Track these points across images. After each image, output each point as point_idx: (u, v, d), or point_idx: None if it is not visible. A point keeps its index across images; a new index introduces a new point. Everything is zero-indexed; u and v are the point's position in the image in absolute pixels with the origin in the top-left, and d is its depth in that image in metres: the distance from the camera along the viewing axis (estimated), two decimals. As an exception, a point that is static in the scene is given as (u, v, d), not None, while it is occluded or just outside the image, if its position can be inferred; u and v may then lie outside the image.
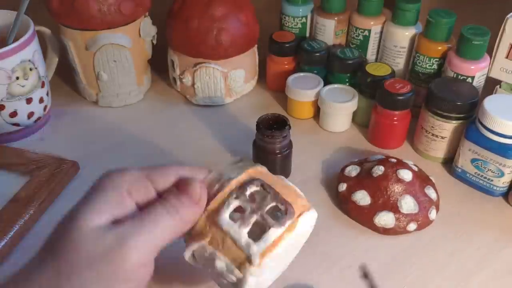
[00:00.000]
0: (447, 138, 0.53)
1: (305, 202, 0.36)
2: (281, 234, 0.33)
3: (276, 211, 0.34)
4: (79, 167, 0.53)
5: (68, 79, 0.66)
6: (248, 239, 0.32)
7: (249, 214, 0.33)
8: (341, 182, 0.50)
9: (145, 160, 0.55)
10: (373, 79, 0.56)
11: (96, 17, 0.56)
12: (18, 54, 0.52)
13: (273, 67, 0.65)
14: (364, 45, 0.63)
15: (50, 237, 0.31)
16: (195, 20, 0.58)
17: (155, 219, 0.31)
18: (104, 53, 0.58)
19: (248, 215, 0.33)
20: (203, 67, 0.60)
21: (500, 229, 0.48)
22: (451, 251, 0.45)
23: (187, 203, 0.33)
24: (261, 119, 0.49)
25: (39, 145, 0.57)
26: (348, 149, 0.57)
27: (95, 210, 0.30)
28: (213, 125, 0.61)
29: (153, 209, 0.32)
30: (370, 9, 0.61)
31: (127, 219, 0.31)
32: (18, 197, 0.48)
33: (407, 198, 0.46)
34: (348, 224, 0.48)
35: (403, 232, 0.46)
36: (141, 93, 0.65)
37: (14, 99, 0.54)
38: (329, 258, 0.44)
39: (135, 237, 0.30)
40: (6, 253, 0.44)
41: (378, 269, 0.44)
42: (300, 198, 0.36)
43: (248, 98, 0.65)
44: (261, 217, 0.33)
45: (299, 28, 0.66)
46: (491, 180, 0.50)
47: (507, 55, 0.51)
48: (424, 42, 0.56)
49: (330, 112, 0.58)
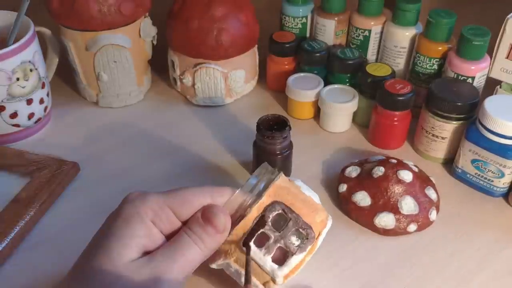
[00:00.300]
0: (448, 138, 0.53)
1: (323, 216, 0.38)
2: (302, 259, 0.36)
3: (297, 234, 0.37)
4: (79, 168, 0.53)
5: (69, 80, 0.66)
6: (272, 264, 0.36)
7: (273, 242, 0.35)
8: (342, 182, 0.50)
9: (145, 160, 0.55)
10: (374, 80, 0.56)
11: (96, 18, 0.56)
12: (18, 55, 0.52)
13: (273, 67, 0.65)
14: (364, 45, 0.63)
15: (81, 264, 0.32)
16: (195, 21, 0.58)
17: (183, 251, 0.33)
18: (104, 53, 0.58)
19: (272, 243, 0.36)
20: (203, 68, 0.60)
21: (500, 229, 0.48)
22: (451, 251, 0.45)
23: (213, 233, 0.34)
24: (261, 120, 0.49)
25: (40, 146, 0.57)
26: (349, 150, 0.57)
27: (126, 244, 0.32)
28: (214, 126, 0.61)
29: (180, 240, 0.33)
30: (371, 9, 0.60)
31: (157, 251, 0.33)
32: (19, 198, 0.48)
33: (407, 199, 0.46)
34: (348, 225, 0.48)
35: (404, 233, 0.46)
36: (141, 94, 0.65)
37: (15, 100, 0.54)
38: (330, 258, 0.44)
39: (167, 273, 0.31)
40: (7, 254, 0.44)
41: (378, 269, 0.44)
42: (317, 214, 0.37)
43: (248, 99, 0.65)
44: (285, 245, 0.36)
45: (299, 28, 0.65)
46: (491, 180, 0.50)
47: (508, 56, 0.51)
48: (425, 43, 0.56)
49: (330, 112, 0.58)
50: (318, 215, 0.37)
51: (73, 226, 0.47)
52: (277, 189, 0.37)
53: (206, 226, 0.34)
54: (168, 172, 0.54)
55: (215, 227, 0.34)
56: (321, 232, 0.37)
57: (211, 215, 0.34)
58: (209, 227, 0.34)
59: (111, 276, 0.30)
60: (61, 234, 0.47)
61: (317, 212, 0.38)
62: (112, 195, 0.36)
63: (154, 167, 0.55)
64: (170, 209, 0.34)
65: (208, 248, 0.34)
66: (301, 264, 0.36)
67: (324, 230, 0.37)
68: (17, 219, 0.46)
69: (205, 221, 0.34)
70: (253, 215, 0.35)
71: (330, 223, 0.38)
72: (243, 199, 0.36)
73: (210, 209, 0.34)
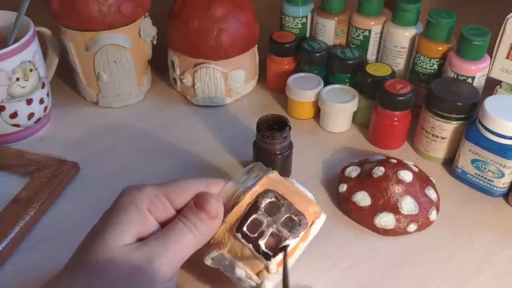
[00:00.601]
0: (448, 138, 0.53)
1: (316, 208, 0.38)
2: (295, 245, 0.36)
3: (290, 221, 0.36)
4: (79, 168, 0.53)
5: (69, 80, 0.66)
6: (265, 250, 0.35)
7: (265, 227, 0.35)
8: (342, 182, 0.50)
9: (145, 160, 0.55)
10: (374, 80, 0.56)
11: (96, 18, 0.56)
12: (18, 55, 0.52)
13: (273, 67, 0.65)
14: (364, 45, 0.63)
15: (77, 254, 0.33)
16: (195, 21, 0.58)
17: (177, 237, 0.34)
18: (104, 53, 0.58)
19: (265, 228, 0.35)
20: (203, 68, 0.60)
21: (500, 229, 0.48)
22: (451, 251, 0.45)
23: (206, 219, 0.35)
24: (261, 120, 0.49)
25: (40, 146, 0.57)
26: (349, 150, 0.57)
27: (121, 230, 0.33)
28: (213, 126, 0.61)
29: (175, 227, 0.34)
30: (371, 9, 0.60)
31: (151, 237, 0.33)
32: (19, 198, 0.48)
33: (407, 199, 0.46)
34: (348, 225, 0.48)
35: (403, 233, 0.46)
36: (141, 94, 0.65)
37: (15, 100, 0.54)
38: (329, 259, 0.44)
39: (161, 256, 0.32)
40: (7, 254, 0.44)
41: (378, 269, 0.44)
42: (310, 205, 0.37)
43: (248, 99, 0.65)
44: (277, 229, 0.35)
45: (299, 28, 0.65)
46: (491, 180, 0.50)
47: (508, 56, 0.51)
48: (425, 43, 0.56)
49: (330, 112, 0.58)
50: (311, 207, 0.37)
51: (73, 226, 0.47)
52: (270, 180, 0.37)
53: (200, 212, 0.35)
54: (168, 172, 0.54)
55: (208, 213, 0.35)
56: (314, 221, 0.37)
57: (204, 202, 0.35)
58: (202, 213, 0.35)
59: (104, 259, 0.31)
60: (61, 234, 0.47)
61: (310, 204, 0.38)
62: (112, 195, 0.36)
63: (154, 167, 0.55)
64: (166, 198, 0.35)
65: (201, 234, 0.35)
66: (294, 251, 0.36)
67: (317, 220, 0.37)
68: (17, 219, 0.46)
69: (198, 208, 0.35)
70: (246, 201, 0.36)
71: (324, 216, 0.38)
72: (236, 189, 0.37)
73: (203, 197, 0.35)
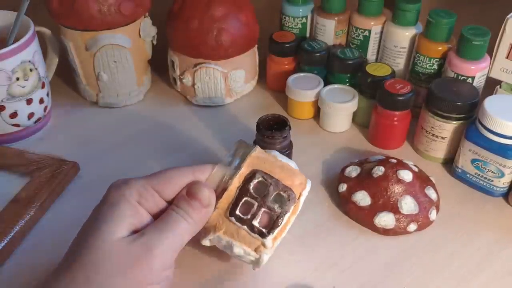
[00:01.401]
0: (447, 138, 0.53)
1: (301, 179, 0.39)
2: (288, 219, 0.38)
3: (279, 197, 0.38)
4: (79, 168, 0.53)
5: (68, 80, 0.66)
6: (260, 229, 0.37)
7: (257, 208, 0.37)
8: (341, 182, 0.50)
9: (145, 160, 0.55)
10: (373, 80, 0.56)
11: (96, 18, 0.56)
12: (18, 55, 0.52)
13: (273, 67, 0.65)
14: (364, 45, 0.63)
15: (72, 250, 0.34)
16: (195, 21, 0.58)
17: (172, 226, 0.34)
18: (104, 53, 0.58)
19: (257, 208, 0.37)
20: (203, 68, 0.60)
21: (500, 229, 0.48)
22: (451, 251, 0.45)
23: (198, 207, 0.36)
24: (261, 120, 0.49)
25: (40, 145, 0.57)
26: (348, 150, 0.57)
27: (116, 224, 0.33)
28: (213, 126, 0.61)
29: (169, 217, 0.35)
30: (371, 9, 0.60)
31: (146, 228, 0.34)
32: (19, 198, 0.48)
33: (407, 199, 0.46)
34: (348, 225, 0.48)
35: (403, 232, 0.46)
36: (141, 94, 0.65)
37: (14, 100, 0.54)
38: (329, 258, 0.44)
39: (158, 246, 0.33)
40: (7, 254, 0.44)
41: (378, 269, 0.44)
42: (296, 177, 0.39)
43: (248, 99, 0.65)
44: (268, 208, 0.37)
45: (299, 28, 0.66)
46: (491, 180, 0.50)
47: (507, 55, 0.51)
48: (424, 42, 0.56)
49: (330, 112, 0.58)
50: (296, 178, 0.39)
51: (73, 226, 0.47)
52: (254, 160, 0.38)
53: (192, 201, 0.35)
54: (168, 172, 0.54)
55: (200, 200, 0.35)
56: (302, 193, 0.39)
57: (195, 190, 0.36)
58: (195, 202, 0.35)
59: (102, 252, 0.32)
60: (61, 234, 0.46)
61: (295, 175, 0.39)
62: (112, 194, 0.36)
63: (154, 167, 0.54)
64: (154, 190, 0.36)
65: (195, 222, 0.35)
66: (286, 225, 0.38)
67: (304, 191, 0.39)
68: (17, 219, 0.46)
69: (190, 196, 0.36)
70: (234, 185, 0.37)
71: (309, 184, 0.40)
72: (223, 173, 0.38)
73: (195, 185, 0.36)
